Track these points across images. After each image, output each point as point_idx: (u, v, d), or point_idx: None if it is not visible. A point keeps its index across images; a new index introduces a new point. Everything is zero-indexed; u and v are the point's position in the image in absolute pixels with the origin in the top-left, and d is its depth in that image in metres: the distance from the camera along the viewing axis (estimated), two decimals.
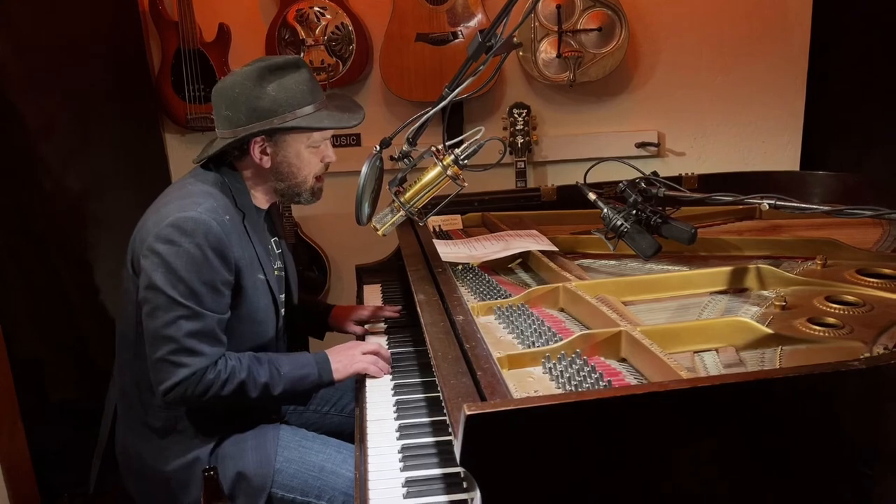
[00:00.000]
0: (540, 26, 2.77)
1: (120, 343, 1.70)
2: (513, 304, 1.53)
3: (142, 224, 1.60)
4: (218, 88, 1.62)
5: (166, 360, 1.52)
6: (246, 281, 1.61)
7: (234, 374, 1.57)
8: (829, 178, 2.23)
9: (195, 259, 1.51)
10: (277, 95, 1.58)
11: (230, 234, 1.56)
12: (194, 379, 1.53)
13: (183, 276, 1.51)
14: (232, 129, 1.61)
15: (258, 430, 1.67)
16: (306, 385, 1.66)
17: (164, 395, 1.54)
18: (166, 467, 1.64)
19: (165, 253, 1.51)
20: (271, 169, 1.65)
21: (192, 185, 1.63)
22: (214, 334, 1.56)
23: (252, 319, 1.66)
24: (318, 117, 1.62)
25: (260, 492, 1.60)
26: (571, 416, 0.95)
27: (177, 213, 1.53)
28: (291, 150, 1.64)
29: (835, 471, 1.05)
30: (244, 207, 1.66)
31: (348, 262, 2.80)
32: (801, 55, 2.91)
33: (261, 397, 1.60)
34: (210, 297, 1.54)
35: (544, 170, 3.07)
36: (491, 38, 1.43)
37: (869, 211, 1.46)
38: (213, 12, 2.89)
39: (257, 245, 1.67)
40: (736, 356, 1.29)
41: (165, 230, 1.52)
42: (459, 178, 1.52)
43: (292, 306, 1.86)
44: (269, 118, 1.58)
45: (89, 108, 2.64)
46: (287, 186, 1.68)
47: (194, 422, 1.64)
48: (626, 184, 1.71)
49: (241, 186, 1.67)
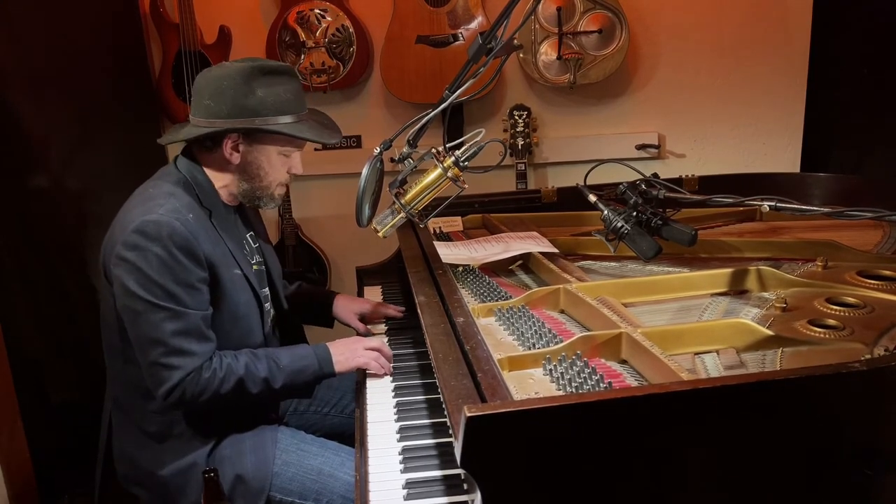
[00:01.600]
0: (540, 28, 2.77)
1: (108, 351, 1.69)
2: (513, 306, 1.53)
3: (109, 233, 1.60)
4: (206, 76, 1.61)
5: (158, 363, 1.52)
6: (222, 276, 1.60)
7: (230, 371, 1.57)
8: (829, 180, 2.22)
9: (164, 261, 1.50)
10: (265, 98, 1.58)
11: (196, 232, 1.55)
12: (189, 380, 1.53)
13: (156, 279, 1.50)
14: (209, 119, 1.59)
15: (256, 433, 1.66)
16: (307, 377, 1.65)
17: (164, 399, 1.54)
18: (163, 472, 1.64)
19: (134, 259, 1.50)
20: (238, 167, 1.64)
21: (154, 188, 1.62)
22: (201, 331, 1.55)
23: (234, 315, 1.65)
24: (299, 127, 1.62)
25: (258, 495, 1.60)
26: (572, 418, 0.95)
27: (140, 217, 1.52)
28: (263, 154, 1.64)
29: (835, 471, 1.05)
30: (210, 205, 1.64)
31: (349, 263, 2.80)
32: (801, 57, 2.91)
33: (262, 392, 1.60)
34: (188, 296, 1.53)
35: (545, 171, 3.07)
36: (491, 40, 1.43)
37: (869, 213, 1.46)
38: (214, 14, 2.89)
39: (228, 241, 1.65)
40: (737, 358, 1.29)
41: (131, 237, 1.51)
42: (460, 179, 1.52)
43: (279, 301, 1.86)
44: (252, 117, 1.58)
45: (90, 109, 2.64)
46: (250, 188, 1.67)
47: (191, 425, 1.63)
48: (627, 185, 1.71)
49: (207, 184, 1.65)
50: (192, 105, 1.64)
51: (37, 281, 2.50)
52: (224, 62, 1.65)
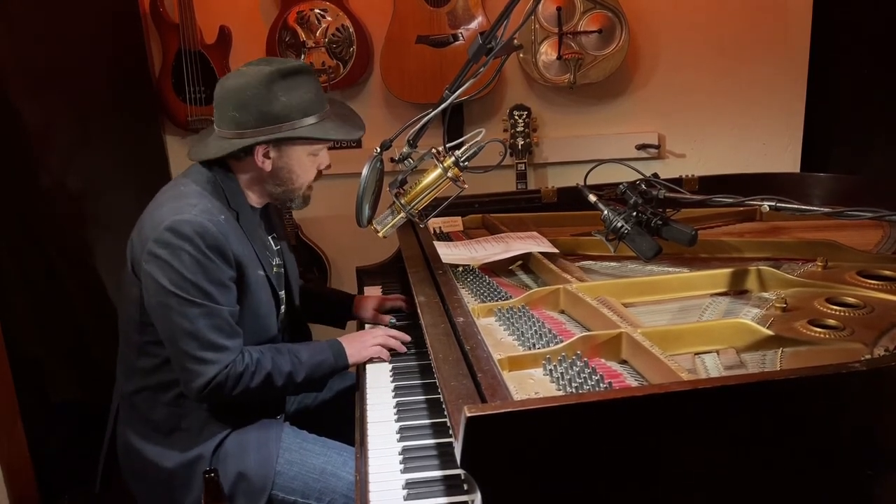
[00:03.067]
0: (540, 28, 2.77)
1: (123, 344, 1.71)
2: (513, 306, 1.53)
3: (139, 227, 1.62)
4: (227, 87, 1.61)
5: (194, 357, 1.55)
6: (248, 276, 1.64)
7: (260, 366, 1.61)
8: (829, 180, 2.22)
9: (197, 260, 1.53)
10: (289, 102, 1.59)
11: (227, 233, 1.58)
12: (225, 374, 1.56)
13: (189, 277, 1.53)
14: (236, 131, 1.60)
15: (261, 431, 1.67)
16: (324, 370, 1.71)
17: (199, 392, 1.57)
18: (169, 465, 1.65)
19: (167, 257, 1.53)
20: (271, 173, 1.66)
21: (185, 186, 1.63)
22: (232, 327, 1.59)
23: (255, 314, 1.68)
24: (324, 128, 1.63)
25: (260, 492, 1.60)
26: (572, 418, 0.95)
27: (172, 216, 1.54)
28: (294, 157, 1.65)
29: (835, 471, 1.05)
30: (238, 207, 1.66)
31: (349, 263, 2.79)
32: (801, 57, 2.91)
33: (285, 386, 1.66)
34: (219, 294, 1.57)
35: (545, 171, 3.07)
36: (491, 40, 1.43)
37: (869, 213, 1.46)
38: (214, 14, 2.89)
39: (254, 242, 1.68)
40: (737, 358, 1.29)
41: (164, 234, 1.53)
42: (460, 179, 1.52)
43: (293, 304, 1.88)
44: (279, 124, 1.59)
45: (90, 109, 2.64)
46: (283, 191, 1.70)
47: (199, 419, 1.65)
48: (627, 185, 1.71)
49: (235, 186, 1.67)
50: (216, 116, 1.65)
51: (37, 281, 2.50)
52: (241, 68, 1.64)
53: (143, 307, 1.60)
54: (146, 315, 1.60)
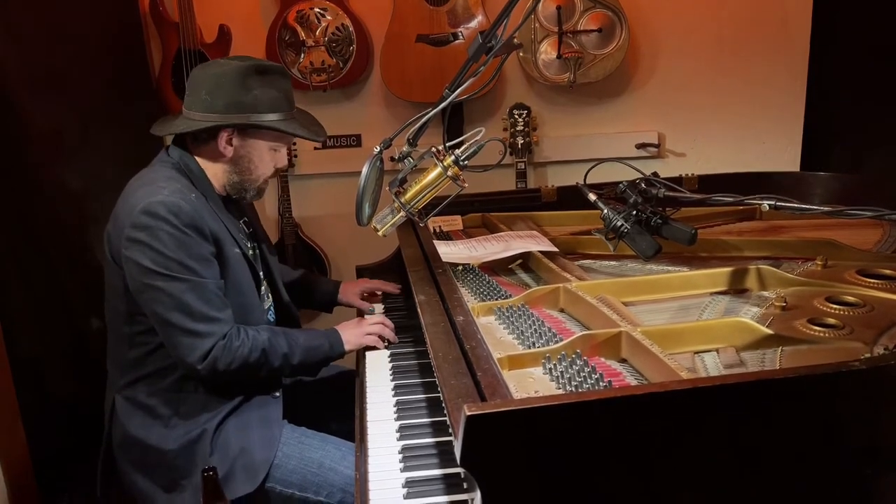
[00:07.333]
0: (540, 27, 2.77)
1: (113, 339, 1.74)
2: (513, 305, 1.53)
3: (114, 218, 1.66)
4: (204, 72, 1.68)
5: (186, 330, 1.58)
6: (226, 253, 1.68)
7: (256, 342, 1.65)
8: (829, 179, 2.22)
9: (176, 238, 1.57)
10: (260, 96, 1.66)
11: (200, 210, 1.63)
12: (221, 346, 1.60)
13: (170, 255, 1.57)
14: (205, 114, 1.66)
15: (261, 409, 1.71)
16: (319, 356, 1.76)
17: (198, 366, 1.59)
18: (172, 447, 1.66)
19: (146, 239, 1.57)
20: (231, 160, 1.71)
21: (153, 173, 1.70)
22: (220, 299, 1.63)
23: (238, 291, 1.71)
24: (291, 124, 1.71)
25: (262, 466, 1.62)
26: (572, 417, 0.95)
27: (145, 199, 1.59)
28: (255, 148, 1.72)
29: (835, 471, 1.05)
30: (204, 190, 1.71)
31: (348, 262, 2.80)
32: (801, 56, 2.91)
33: (282, 367, 1.69)
34: (202, 267, 1.61)
35: (544, 170, 3.07)
36: (491, 39, 1.43)
37: (869, 212, 1.46)
38: (214, 13, 2.89)
39: (226, 221, 1.72)
40: (736, 357, 1.29)
41: (140, 218, 1.57)
42: (460, 178, 1.52)
43: (276, 286, 1.91)
44: (247, 114, 1.65)
45: (89, 109, 2.64)
46: (241, 180, 1.75)
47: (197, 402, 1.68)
48: (627, 184, 1.71)
49: (197, 170, 1.72)
50: (187, 98, 1.70)
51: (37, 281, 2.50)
52: (220, 59, 1.74)
53: (129, 297, 1.63)
54: (133, 304, 1.63)
